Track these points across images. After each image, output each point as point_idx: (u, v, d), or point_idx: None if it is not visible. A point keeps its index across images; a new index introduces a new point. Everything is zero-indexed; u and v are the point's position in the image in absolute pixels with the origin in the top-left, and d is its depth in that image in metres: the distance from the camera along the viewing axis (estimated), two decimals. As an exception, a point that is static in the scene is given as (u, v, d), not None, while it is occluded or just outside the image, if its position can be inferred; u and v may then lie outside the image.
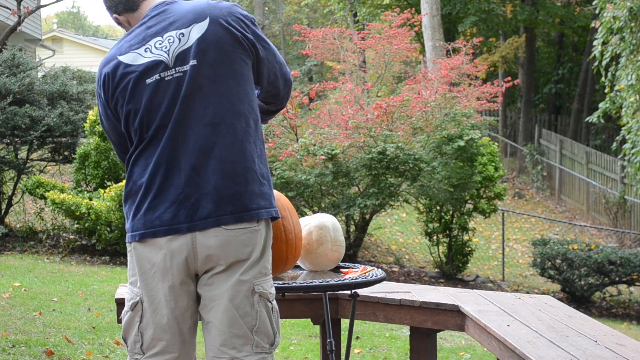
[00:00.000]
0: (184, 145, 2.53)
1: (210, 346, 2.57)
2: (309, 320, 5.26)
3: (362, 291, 3.87)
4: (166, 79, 2.54)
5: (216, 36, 2.56)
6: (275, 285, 3.02)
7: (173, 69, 2.55)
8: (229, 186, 2.53)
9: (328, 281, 3.08)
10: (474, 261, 12.60)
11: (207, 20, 2.58)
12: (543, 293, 11.11)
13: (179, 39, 2.57)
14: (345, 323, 4.28)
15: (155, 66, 2.55)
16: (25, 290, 7.18)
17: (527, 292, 11.03)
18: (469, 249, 11.54)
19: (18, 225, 10.39)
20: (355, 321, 4.45)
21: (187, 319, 2.59)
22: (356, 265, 3.54)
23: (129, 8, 2.70)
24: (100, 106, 2.69)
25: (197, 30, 2.57)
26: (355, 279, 3.16)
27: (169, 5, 2.67)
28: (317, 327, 5.28)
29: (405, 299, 4.05)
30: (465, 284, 11.26)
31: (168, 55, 2.56)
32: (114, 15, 2.74)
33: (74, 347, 5.39)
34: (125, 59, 2.59)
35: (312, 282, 3.08)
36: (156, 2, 2.70)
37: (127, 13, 2.71)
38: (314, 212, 10.21)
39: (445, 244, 11.51)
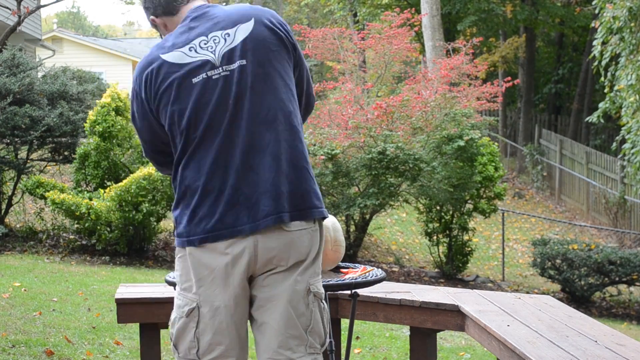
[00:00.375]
0: (238, 144, 2.49)
1: (265, 347, 2.53)
2: (309, 320, 5.25)
3: (362, 291, 3.86)
4: (213, 77, 2.51)
5: (262, 36, 2.55)
6: None
7: (220, 68, 2.52)
8: (287, 184, 2.50)
9: (328, 281, 3.08)
10: (474, 261, 12.60)
11: (252, 21, 2.57)
12: (543, 293, 11.11)
13: (225, 39, 2.54)
14: (345, 323, 4.28)
15: (201, 65, 2.52)
16: (25, 290, 7.18)
17: (527, 292, 11.03)
18: (469, 249, 11.54)
19: (18, 225, 10.39)
20: (355, 321, 4.44)
21: (244, 322, 2.57)
22: (356, 265, 3.54)
23: (168, 12, 2.67)
24: (137, 105, 2.62)
25: (243, 31, 2.55)
26: (355, 279, 3.16)
27: (210, 7, 2.65)
28: (317, 327, 5.27)
29: (405, 299, 4.05)
30: (465, 284, 11.27)
31: (214, 54, 2.53)
32: (152, 17, 2.71)
33: (74, 347, 5.39)
34: (169, 57, 2.54)
35: None
36: (196, 4, 2.67)
37: (165, 16, 2.68)
38: (314, 212, 10.19)
39: (445, 244, 11.52)
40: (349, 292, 3.29)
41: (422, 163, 10.04)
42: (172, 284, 3.03)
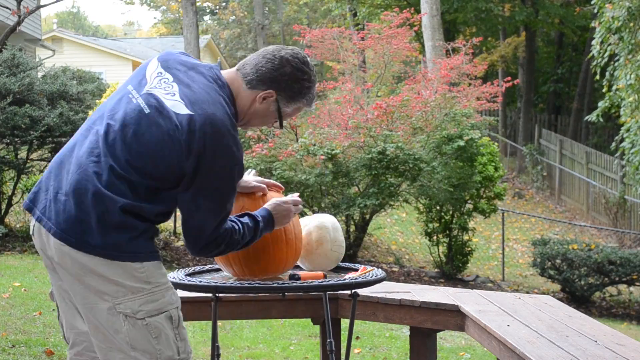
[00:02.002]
0: None
1: None
2: (309, 320, 5.26)
3: (362, 291, 3.86)
4: None
5: None
6: (276, 285, 3.02)
7: None
8: None
9: (328, 281, 3.08)
10: (474, 261, 12.60)
11: None
12: (543, 293, 11.11)
13: None
14: (345, 323, 4.28)
15: None
16: (25, 290, 7.18)
17: (527, 292, 11.04)
18: (469, 249, 11.54)
19: (18, 225, 10.39)
20: (355, 321, 4.45)
21: None
22: (356, 265, 3.54)
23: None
24: (240, 169, 2.64)
25: None
26: (356, 279, 3.16)
27: None
28: (317, 327, 5.28)
29: (405, 299, 4.05)
30: (465, 284, 11.27)
31: None
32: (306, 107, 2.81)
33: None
34: None
35: (312, 282, 3.09)
36: None
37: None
38: (314, 212, 10.22)
39: (445, 244, 11.52)
40: (349, 292, 3.29)
41: (422, 163, 10.04)
42: (174, 285, 3.07)
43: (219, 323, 6.67)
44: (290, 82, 2.70)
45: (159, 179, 2.55)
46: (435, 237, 11.45)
